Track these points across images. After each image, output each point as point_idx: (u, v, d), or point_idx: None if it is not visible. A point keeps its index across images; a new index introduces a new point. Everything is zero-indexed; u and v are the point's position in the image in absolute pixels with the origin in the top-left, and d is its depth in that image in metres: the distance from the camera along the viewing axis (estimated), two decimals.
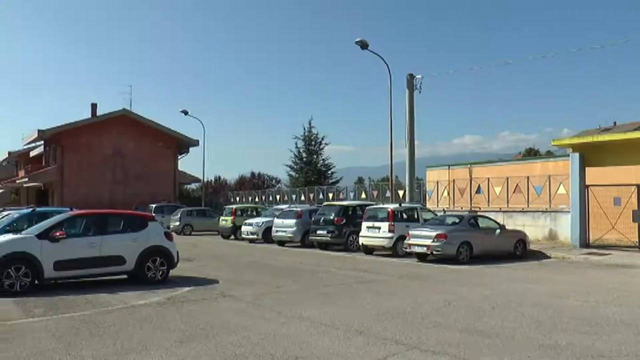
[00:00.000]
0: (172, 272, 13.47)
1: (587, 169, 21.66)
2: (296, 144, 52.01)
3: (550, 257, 18.95)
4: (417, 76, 26.58)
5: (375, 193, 36.42)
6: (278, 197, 45.53)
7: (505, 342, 7.46)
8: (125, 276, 13.00)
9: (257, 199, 47.00)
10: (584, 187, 21.50)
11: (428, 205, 29.59)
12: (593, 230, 21.39)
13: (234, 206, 32.17)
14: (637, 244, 20.10)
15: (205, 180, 54.62)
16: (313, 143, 51.94)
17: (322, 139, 52.33)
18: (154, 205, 38.47)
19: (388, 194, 31.27)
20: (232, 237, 29.52)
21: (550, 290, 12.06)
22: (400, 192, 30.84)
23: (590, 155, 21.78)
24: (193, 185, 60.85)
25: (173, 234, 15.43)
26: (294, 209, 25.74)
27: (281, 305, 10.12)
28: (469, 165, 30.76)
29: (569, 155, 22.52)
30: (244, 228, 27.30)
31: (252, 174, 62.77)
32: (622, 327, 8.36)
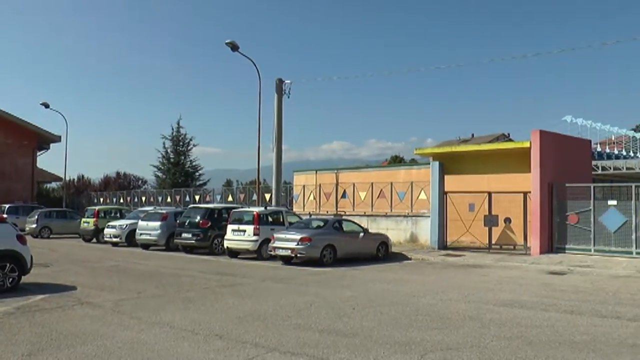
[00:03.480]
0: (25, 279, 12.53)
1: (446, 176, 22.87)
2: (164, 144, 50.81)
3: (410, 259, 19.77)
4: (286, 81, 26.86)
5: (242, 196, 36.37)
6: (144, 198, 44.22)
7: (363, 340, 7.67)
8: None
9: (122, 200, 45.40)
10: (443, 194, 22.69)
11: (295, 209, 30.00)
12: (450, 234, 22.70)
13: (97, 207, 30.72)
14: (487, 246, 21.59)
15: (68, 179, 51.86)
16: (181, 144, 50.94)
17: (191, 139, 51.56)
18: (7, 205, 35.88)
19: (255, 197, 31.29)
20: (94, 240, 28.26)
21: (408, 290, 12.57)
22: (268, 196, 30.98)
23: (450, 164, 23.02)
24: (53, 185, 57.57)
25: (28, 237, 14.41)
26: (159, 211, 25.06)
27: (141, 311, 9.78)
28: (335, 171, 31.54)
29: (430, 164, 23.62)
30: (106, 231, 26.23)
31: (118, 173, 60.35)
32: (469, 322, 8.95)
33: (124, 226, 25.59)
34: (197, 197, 38.84)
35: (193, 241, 21.53)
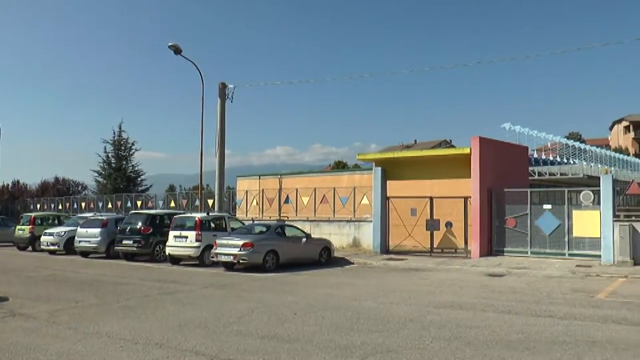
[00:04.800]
0: None
1: (388, 182, 23.09)
2: (105, 148, 49.55)
3: (353, 263, 19.88)
4: (230, 85, 26.72)
5: (184, 202, 35.92)
6: (84, 204, 43.07)
7: (304, 345, 7.67)
8: None
9: (60, 207, 44.10)
10: (385, 199, 22.91)
11: (238, 215, 29.81)
12: (393, 238, 22.91)
13: (33, 214, 29.74)
14: (429, 250, 21.93)
15: (1, 184, 49.96)
16: (123, 148, 49.77)
17: (133, 144, 50.41)
18: None
19: (198, 202, 30.95)
20: (30, 248, 27.30)
21: (350, 294, 12.64)
22: (211, 201, 30.69)
23: (392, 169, 23.26)
24: None
25: None
26: (99, 217, 24.45)
27: (79, 322, 9.50)
28: (279, 176, 31.52)
29: (373, 169, 23.83)
30: (43, 238, 25.30)
31: (56, 179, 58.43)
32: (409, 324, 9.09)
33: (62, 233, 24.82)
34: (139, 203, 38.15)
35: (134, 248, 21.10)
